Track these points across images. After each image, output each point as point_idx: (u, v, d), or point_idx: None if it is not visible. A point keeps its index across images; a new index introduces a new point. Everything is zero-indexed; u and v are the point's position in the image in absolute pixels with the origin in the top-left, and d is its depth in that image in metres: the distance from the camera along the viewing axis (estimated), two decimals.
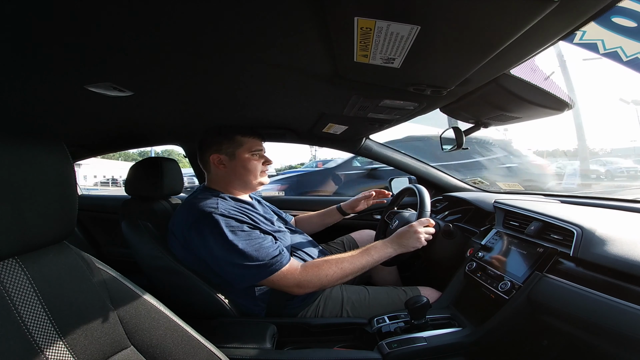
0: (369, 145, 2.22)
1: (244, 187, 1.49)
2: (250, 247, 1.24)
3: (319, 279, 1.26)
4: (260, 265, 1.23)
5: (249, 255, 1.22)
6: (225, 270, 1.25)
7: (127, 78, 1.03)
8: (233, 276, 1.25)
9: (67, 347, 0.64)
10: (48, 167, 0.66)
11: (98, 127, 1.73)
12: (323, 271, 1.27)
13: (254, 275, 1.23)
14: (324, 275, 1.27)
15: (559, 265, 0.99)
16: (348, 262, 1.31)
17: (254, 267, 1.22)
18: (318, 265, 1.29)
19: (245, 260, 1.22)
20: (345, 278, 1.30)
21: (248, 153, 1.45)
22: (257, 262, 1.23)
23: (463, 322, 1.20)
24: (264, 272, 1.23)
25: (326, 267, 1.28)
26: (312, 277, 1.26)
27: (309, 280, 1.26)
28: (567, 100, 1.12)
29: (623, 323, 0.74)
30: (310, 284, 1.26)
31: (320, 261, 1.31)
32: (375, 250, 1.36)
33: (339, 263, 1.30)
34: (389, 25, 0.67)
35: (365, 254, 1.35)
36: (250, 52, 0.88)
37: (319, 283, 1.27)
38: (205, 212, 1.27)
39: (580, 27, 0.71)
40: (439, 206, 2.08)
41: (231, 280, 1.27)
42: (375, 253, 1.36)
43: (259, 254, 1.24)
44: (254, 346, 1.08)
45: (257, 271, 1.23)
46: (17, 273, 0.63)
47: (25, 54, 0.81)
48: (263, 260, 1.23)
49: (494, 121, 1.46)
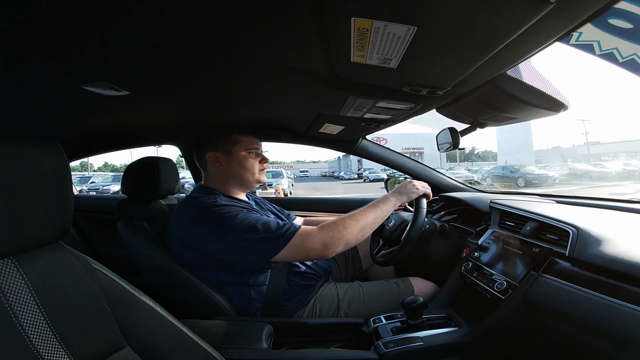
0: (366, 146, 2.22)
1: (241, 185, 1.49)
2: (259, 223, 1.23)
3: (341, 234, 1.24)
4: (275, 235, 1.21)
5: (259, 228, 1.21)
6: (240, 253, 1.24)
7: (123, 77, 1.02)
8: (250, 255, 1.23)
9: (63, 347, 0.64)
10: (43, 167, 0.66)
11: (94, 127, 1.72)
12: (340, 225, 1.25)
13: (272, 247, 1.20)
14: (342, 228, 1.24)
15: (554, 265, 1.00)
16: (360, 214, 1.30)
17: (269, 238, 1.20)
18: (333, 222, 1.27)
19: (258, 233, 1.20)
20: (362, 231, 1.28)
21: (244, 151, 1.44)
22: (270, 232, 1.21)
23: (459, 322, 1.20)
24: (282, 240, 1.20)
25: (341, 222, 1.26)
26: (334, 233, 1.23)
27: (332, 236, 1.23)
28: (563, 100, 1.12)
29: (619, 322, 0.75)
30: (335, 240, 1.23)
31: (332, 219, 1.29)
32: (381, 202, 1.38)
33: (351, 217, 1.29)
34: (386, 26, 0.67)
35: (373, 207, 1.35)
36: (246, 52, 0.88)
37: (343, 238, 1.24)
38: (205, 205, 1.28)
39: (576, 28, 0.71)
40: (435, 206, 2.08)
41: (250, 261, 1.26)
42: (382, 205, 1.37)
43: (269, 226, 1.22)
44: (250, 346, 1.08)
45: (275, 241, 1.20)
46: (13, 273, 0.62)
47: (21, 53, 0.81)
48: (275, 229, 1.22)
49: (490, 121, 1.47)
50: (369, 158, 2.30)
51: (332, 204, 2.49)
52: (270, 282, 1.35)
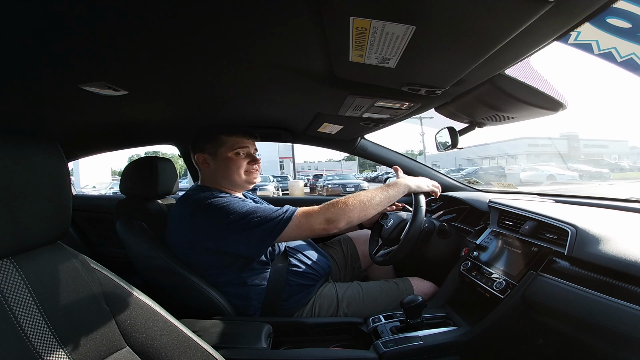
0: (364, 145, 2.22)
1: (232, 186, 1.48)
2: (258, 209, 1.27)
3: (342, 210, 1.27)
4: (276, 215, 1.25)
5: (259, 212, 1.25)
6: (242, 240, 1.25)
7: (121, 77, 1.02)
8: (253, 240, 1.25)
9: (62, 348, 0.64)
10: (42, 167, 0.66)
11: (92, 127, 1.72)
12: (342, 203, 1.28)
13: (275, 227, 1.23)
14: (344, 206, 1.27)
15: (553, 265, 1.00)
16: (364, 195, 1.33)
17: (270, 219, 1.24)
18: (336, 200, 1.31)
19: (257, 216, 1.24)
20: (365, 210, 1.31)
21: (230, 152, 1.42)
22: (270, 214, 1.25)
23: (458, 321, 1.20)
24: (283, 219, 1.24)
25: (344, 200, 1.30)
26: (335, 209, 1.27)
27: (335, 212, 1.26)
28: (562, 100, 1.12)
29: (618, 321, 0.75)
30: (338, 216, 1.26)
31: (334, 199, 1.33)
32: (390, 187, 1.40)
33: (355, 196, 1.32)
34: (385, 25, 0.67)
35: (381, 189, 1.38)
36: (244, 51, 0.88)
37: (345, 215, 1.27)
38: (202, 199, 1.30)
39: (574, 27, 0.71)
40: (433, 205, 2.08)
41: (253, 246, 1.26)
42: (390, 189, 1.39)
43: (268, 209, 1.26)
44: (250, 346, 1.08)
45: (277, 221, 1.24)
46: (12, 273, 0.62)
47: (19, 53, 0.81)
48: (275, 211, 1.26)
49: (488, 121, 1.47)
50: (368, 157, 2.30)
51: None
52: (269, 281, 1.35)
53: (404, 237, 1.39)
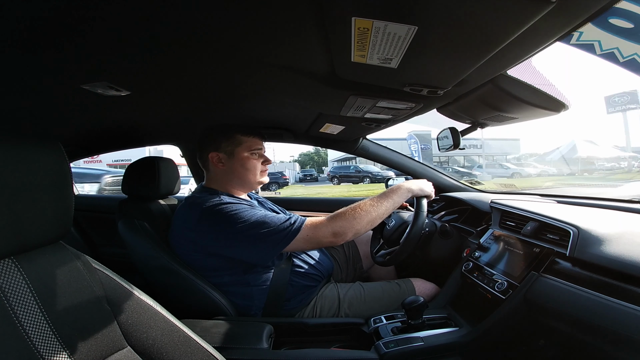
0: (366, 146, 2.22)
1: (243, 186, 1.49)
2: (266, 218, 1.25)
3: (350, 223, 1.26)
4: (284, 227, 1.23)
5: (267, 222, 1.24)
6: (249, 249, 1.25)
7: (123, 78, 1.02)
8: (259, 250, 1.25)
9: (63, 347, 0.64)
10: (44, 167, 0.66)
11: (95, 127, 1.72)
12: (350, 215, 1.27)
13: (282, 239, 1.23)
14: (352, 218, 1.26)
15: (555, 265, 1.00)
16: (370, 205, 1.32)
17: (278, 231, 1.23)
18: (343, 212, 1.29)
19: (266, 227, 1.23)
20: (372, 221, 1.30)
21: (247, 152, 1.44)
22: (278, 225, 1.23)
23: (460, 322, 1.20)
24: (291, 232, 1.23)
25: (352, 212, 1.28)
26: (343, 222, 1.26)
27: (342, 225, 1.25)
28: (564, 100, 1.12)
29: (620, 322, 0.75)
30: (345, 229, 1.25)
31: (340, 210, 1.31)
32: (392, 192, 1.39)
33: (362, 207, 1.30)
34: (386, 26, 0.67)
35: (385, 197, 1.36)
36: (247, 52, 0.88)
37: (352, 228, 1.26)
38: (210, 204, 1.29)
39: (577, 28, 0.71)
40: (435, 206, 2.08)
41: (259, 256, 1.27)
42: (393, 195, 1.38)
43: (277, 220, 1.25)
44: (251, 346, 1.08)
45: (284, 233, 1.23)
46: (14, 273, 0.62)
47: (21, 53, 0.81)
48: (283, 222, 1.24)
49: (490, 121, 1.46)
50: (369, 158, 2.30)
51: (334, 203, 2.49)
52: (272, 282, 1.35)
53: (404, 240, 1.40)
